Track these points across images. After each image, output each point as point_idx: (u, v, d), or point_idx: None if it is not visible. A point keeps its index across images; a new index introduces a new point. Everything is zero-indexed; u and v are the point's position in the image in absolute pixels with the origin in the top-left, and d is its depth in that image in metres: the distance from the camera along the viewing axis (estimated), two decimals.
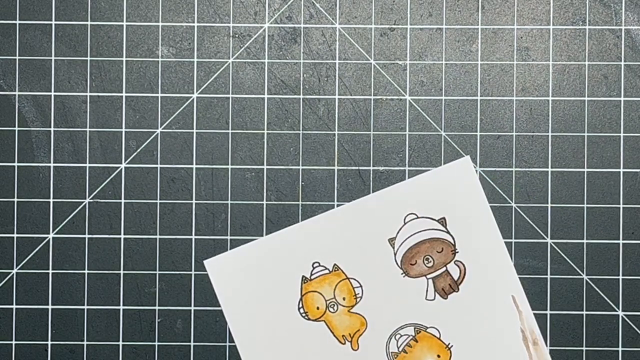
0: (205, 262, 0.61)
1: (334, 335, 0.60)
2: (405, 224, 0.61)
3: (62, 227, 0.61)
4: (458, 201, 0.61)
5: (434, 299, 0.60)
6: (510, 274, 0.60)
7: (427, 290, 0.60)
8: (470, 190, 0.61)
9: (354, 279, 0.61)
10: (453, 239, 0.61)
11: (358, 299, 0.61)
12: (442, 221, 0.61)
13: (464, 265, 0.60)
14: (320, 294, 0.61)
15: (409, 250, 0.61)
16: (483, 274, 0.60)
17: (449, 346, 0.60)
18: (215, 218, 0.61)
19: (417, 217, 0.61)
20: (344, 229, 0.61)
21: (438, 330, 0.60)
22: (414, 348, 0.60)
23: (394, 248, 0.61)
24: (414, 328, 0.60)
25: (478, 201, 0.61)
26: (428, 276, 0.61)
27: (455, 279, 0.60)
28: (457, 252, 0.61)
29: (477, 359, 0.60)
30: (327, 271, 0.61)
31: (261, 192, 0.61)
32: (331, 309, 0.61)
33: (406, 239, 0.61)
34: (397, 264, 0.61)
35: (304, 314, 0.60)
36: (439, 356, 0.60)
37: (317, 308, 0.61)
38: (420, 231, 0.61)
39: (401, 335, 0.60)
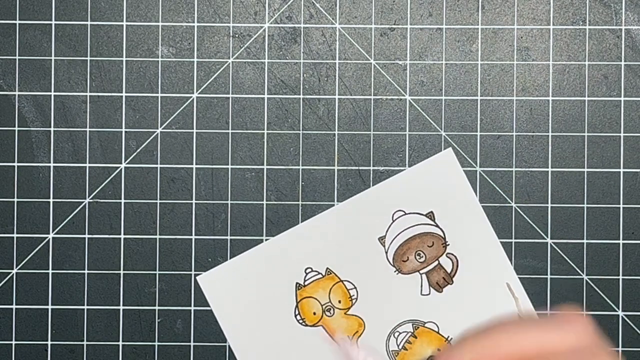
0: (198, 278, 0.61)
1: (333, 339, 0.60)
2: (393, 221, 0.61)
3: (62, 227, 0.61)
4: (444, 194, 0.61)
5: (429, 293, 0.60)
6: (502, 261, 0.60)
7: (421, 286, 0.61)
8: (455, 182, 0.61)
9: (348, 281, 0.61)
10: (443, 232, 0.61)
11: (354, 301, 0.61)
12: (431, 215, 0.61)
13: (456, 258, 0.60)
14: (316, 299, 0.61)
15: (400, 247, 0.61)
16: (476, 264, 0.60)
17: (449, 339, 0.60)
18: (215, 218, 0.61)
19: (405, 214, 0.61)
20: (334, 233, 0.61)
21: (436, 324, 0.60)
22: (414, 344, 0.60)
23: (384, 246, 0.61)
24: (412, 324, 0.60)
25: (464, 192, 0.61)
26: (421, 271, 0.61)
27: (449, 271, 0.61)
28: (448, 244, 0.61)
29: None
30: (320, 276, 0.61)
31: (261, 192, 0.61)
32: (328, 313, 0.60)
33: (396, 236, 0.61)
34: (389, 262, 0.61)
35: (301, 321, 0.60)
36: (439, 350, 0.60)
37: (314, 313, 0.61)
38: (409, 227, 0.61)
39: (400, 333, 0.60)
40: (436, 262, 0.61)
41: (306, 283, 0.61)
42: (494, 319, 0.41)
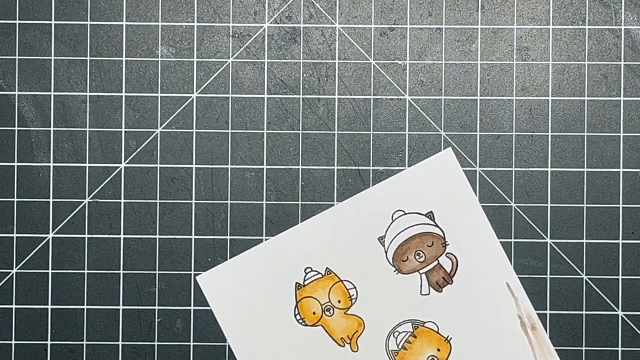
0: (198, 278, 0.61)
1: (333, 339, 0.60)
2: (393, 221, 0.61)
3: (62, 227, 0.61)
4: (444, 194, 0.61)
5: (429, 293, 0.61)
6: (502, 261, 0.60)
7: (421, 286, 0.61)
8: (455, 182, 0.61)
9: (348, 281, 0.61)
10: (442, 232, 0.61)
11: (353, 301, 0.61)
12: (430, 215, 0.61)
13: (455, 258, 0.61)
14: (316, 299, 0.61)
15: (399, 247, 0.61)
16: (476, 264, 0.60)
17: (449, 339, 0.60)
18: (215, 218, 0.61)
19: (405, 214, 0.61)
20: (334, 232, 0.61)
21: (436, 324, 0.60)
22: (414, 344, 0.60)
23: (384, 246, 0.61)
24: (412, 324, 0.60)
25: (464, 192, 0.61)
26: (421, 271, 0.61)
27: (448, 271, 0.61)
28: (448, 244, 0.61)
29: (477, 349, 0.60)
30: (320, 276, 0.61)
31: (261, 192, 0.61)
32: (327, 313, 0.61)
33: (396, 236, 0.61)
34: (389, 262, 0.61)
35: (300, 321, 0.60)
36: (439, 350, 0.60)
37: (314, 313, 0.61)
38: (409, 227, 0.61)
39: (400, 333, 0.60)
40: (436, 262, 0.61)
41: (306, 283, 0.61)
42: None
